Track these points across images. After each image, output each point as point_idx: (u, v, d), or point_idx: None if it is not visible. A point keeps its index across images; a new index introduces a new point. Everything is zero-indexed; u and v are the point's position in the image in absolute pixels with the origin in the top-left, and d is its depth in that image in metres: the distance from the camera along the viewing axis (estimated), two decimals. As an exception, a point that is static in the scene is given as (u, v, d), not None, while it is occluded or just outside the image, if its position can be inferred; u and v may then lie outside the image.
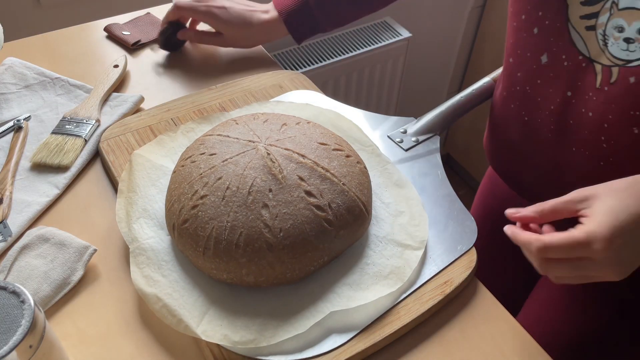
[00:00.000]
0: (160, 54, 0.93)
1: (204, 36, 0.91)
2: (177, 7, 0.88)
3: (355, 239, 0.62)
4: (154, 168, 0.69)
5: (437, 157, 0.76)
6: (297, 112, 0.77)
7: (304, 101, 0.82)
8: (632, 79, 0.56)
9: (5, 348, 0.41)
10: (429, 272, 0.62)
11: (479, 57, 1.94)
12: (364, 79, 1.64)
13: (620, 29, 0.55)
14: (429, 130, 0.79)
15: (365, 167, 0.65)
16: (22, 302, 0.44)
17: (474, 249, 0.64)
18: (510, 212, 0.54)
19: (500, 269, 0.92)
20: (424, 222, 0.64)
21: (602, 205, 0.48)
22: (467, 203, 0.71)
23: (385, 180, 0.69)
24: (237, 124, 0.67)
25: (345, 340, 0.55)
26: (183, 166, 0.63)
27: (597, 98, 0.61)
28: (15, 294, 0.44)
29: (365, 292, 0.58)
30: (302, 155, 0.61)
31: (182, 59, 0.93)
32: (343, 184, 0.60)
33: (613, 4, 0.55)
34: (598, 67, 0.59)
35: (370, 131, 0.78)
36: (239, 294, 0.58)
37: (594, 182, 0.52)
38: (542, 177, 0.73)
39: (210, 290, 0.58)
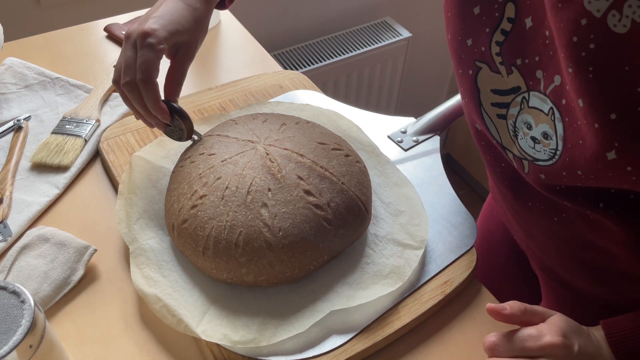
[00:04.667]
0: (160, 54, 0.93)
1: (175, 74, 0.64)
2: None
3: (355, 238, 0.62)
4: (154, 169, 0.69)
5: (437, 157, 0.76)
6: (297, 112, 0.77)
7: (304, 101, 0.82)
8: (542, 176, 0.52)
9: (5, 348, 0.41)
10: (429, 272, 0.62)
11: (479, 57, 1.94)
12: (364, 79, 1.64)
13: (529, 126, 0.51)
14: (429, 130, 0.79)
15: (364, 167, 0.65)
16: (22, 302, 0.44)
17: (474, 249, 0.64)
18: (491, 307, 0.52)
19: (501, 269, 0.92)
20: (424, 221, 0.64)
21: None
22: (467, 203, 0.71)
23: (385, 180, 0.69)
24: (236, 124, 0.67)
25: (345, 340, 0.55)
26: (182, 166, 0.63)
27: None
28: (15, 294, 0.44)
29: (365, 292, 0.58)
30: (301, 155, 0.61)
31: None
32: (342, 183, 0.60)
33: (524, 100, 0.51)
34: (510, 155, 0.56)
35: (370, 131, 0.78)
36: (239, 294, 0.58)
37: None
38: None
39: (210, 290, 0.58)
